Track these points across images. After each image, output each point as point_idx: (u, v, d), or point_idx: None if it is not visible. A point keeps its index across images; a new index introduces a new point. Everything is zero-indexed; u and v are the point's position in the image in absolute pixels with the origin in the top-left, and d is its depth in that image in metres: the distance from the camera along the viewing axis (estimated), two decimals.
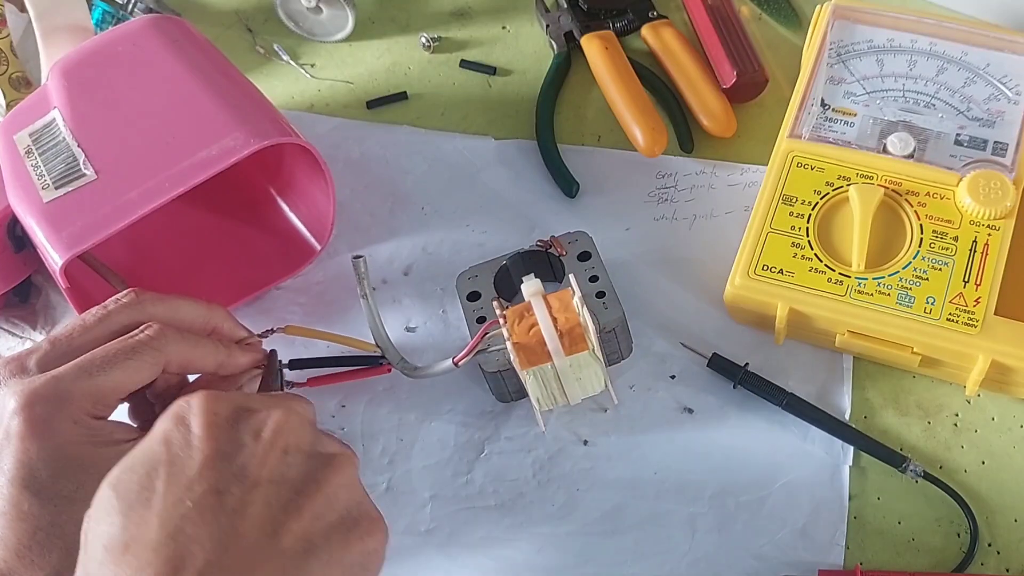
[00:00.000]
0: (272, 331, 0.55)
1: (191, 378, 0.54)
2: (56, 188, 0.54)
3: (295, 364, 0.58)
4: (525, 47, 0.72)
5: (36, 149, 0.56)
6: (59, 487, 0.46)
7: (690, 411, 0.57)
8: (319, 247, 0.62)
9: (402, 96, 0.70)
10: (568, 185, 0.64)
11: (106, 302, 0.51)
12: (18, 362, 0.48)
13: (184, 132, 0.55)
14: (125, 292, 0.51)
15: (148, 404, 0.53)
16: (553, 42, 0.70)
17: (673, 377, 0.58)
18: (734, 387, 0.57)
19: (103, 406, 0.48)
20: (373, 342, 0.55)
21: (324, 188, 0.60)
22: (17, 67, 0.68)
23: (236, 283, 0.62)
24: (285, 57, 0.73)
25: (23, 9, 0.67)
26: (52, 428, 0.46)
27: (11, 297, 0.63)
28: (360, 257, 0.54)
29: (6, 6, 0.68)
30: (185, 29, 0.61)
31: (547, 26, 0.71)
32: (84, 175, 0.54)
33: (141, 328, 0.50)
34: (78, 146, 0.55)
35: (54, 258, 0.52)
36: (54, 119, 0.56)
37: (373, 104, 0.70)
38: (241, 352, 0.54)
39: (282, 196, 0.65)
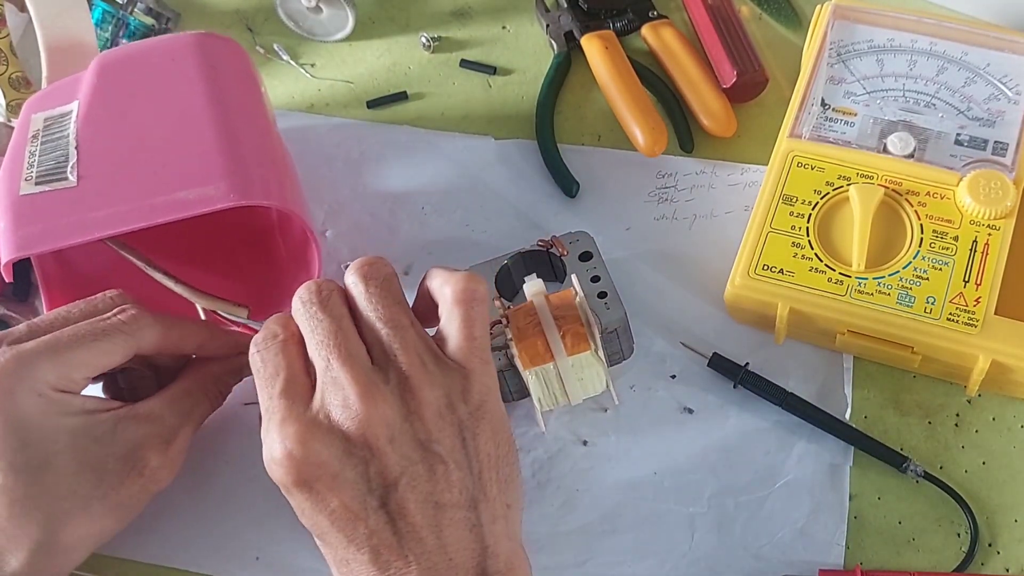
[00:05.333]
0: None
1: None
2: (36, 183, 0.54)
3: None
4: (525, 47, 0.72)
5: (42, 135, 0.56)
6: (27, 458, 0.47)
7: (690, 411, 0.57)
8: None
9: (402, 96, 0.70)
10: (568, 185, 0.64)
11: (94, 298, 0.52)
12: None
13: (176, 165, 0.54)
14: (114, 296, 0.52)
15: (118, 386, 0.54)
16: (553, 42, 0.70)
17: (673, 377, 0.58)
18: (734, 387, 0.57)
19: (68, 381, 0.49)
20: None
21: (312, 248, 0.58)
22: (17, 67, 0.68)
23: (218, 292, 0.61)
24: (285, 57, 0.73)
25: (23, 9, 0.67)
26: (14, 400, 0.47)
27: (10, 296, 0.63)
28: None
29: (6, 6, 0.68)
30: (233, 55, 0.60)
31: (547, 26, 0.71)
32: (66, 179, 0.54)
33: (115, 311, 0.51)
34: (75, 147, 0.55)
35: (3, 252, 0.53)
36: (71, 111, 0.57)
37: (373, 104, 0.70)
38: (225, 334, 0.54)
39: (282, 233, 0.64)
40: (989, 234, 0.55)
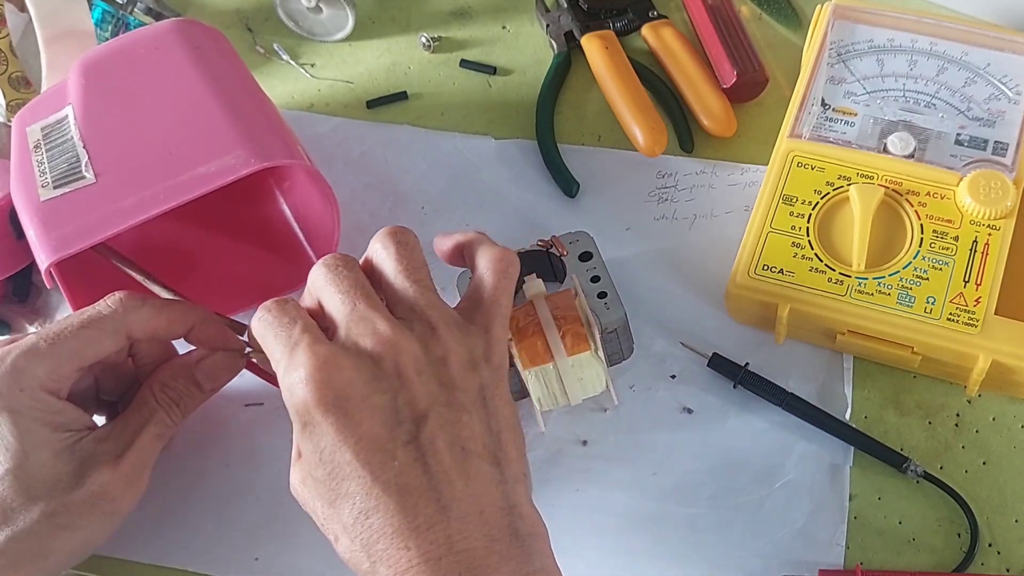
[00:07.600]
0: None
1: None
2: (55, 188, 0.54)
3: None
4: (525, 47, 0.72)
5: (44, 144, 0.56)
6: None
7: (690, 411, 0.57)
8: None
9: (402, 96, 0.70)
10: (568, 185, 0.64)
11: (96, 304, 0.51)
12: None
13: (189, 144, 0.54)
14: (113, 296, 0.51)
15: (97, 397, 0.53)
16: (553, 42, 0.70)
17: (673, 377, 0.58)
18: (734, 387, 0.57)
19: (57, 377, 0.48)
20: None
21: (330, 209, 0.59)
22: (17, 67, 0.68)
23: (236, 290, 0.62)
24: (285, 57, 0.73)
25: (23, 9, 0.67)
26: (6, 400, 0.47)
27: (11, 296, 0.63)
28: None
29: (6, 6, 0.68)
30: (212, 37, 0.61)
31: (547, 26, 0.71)
32: (84, 177, 0.54)
33: (104, 299, 0.50)
34: (83, 147, 0.55)
35: (41, 258, 0.52)
36: (67, 116, 0.57)
37: (373, 104, 0.70)
38: (219, 321, 0.53)
39: (291, 207, 0.65)
40: (989, 234, 0.55)
